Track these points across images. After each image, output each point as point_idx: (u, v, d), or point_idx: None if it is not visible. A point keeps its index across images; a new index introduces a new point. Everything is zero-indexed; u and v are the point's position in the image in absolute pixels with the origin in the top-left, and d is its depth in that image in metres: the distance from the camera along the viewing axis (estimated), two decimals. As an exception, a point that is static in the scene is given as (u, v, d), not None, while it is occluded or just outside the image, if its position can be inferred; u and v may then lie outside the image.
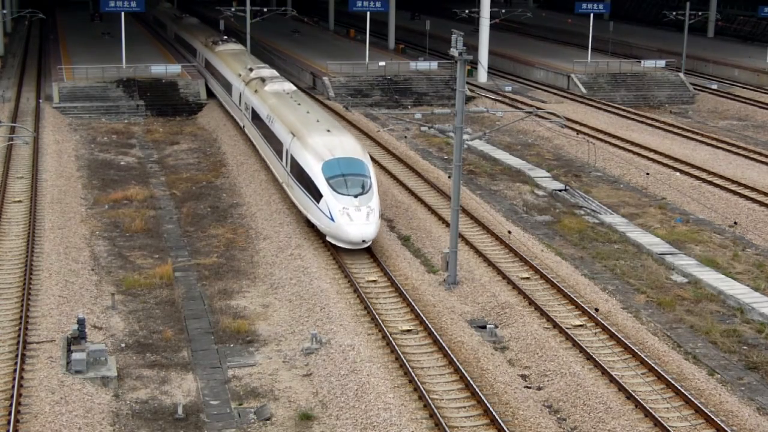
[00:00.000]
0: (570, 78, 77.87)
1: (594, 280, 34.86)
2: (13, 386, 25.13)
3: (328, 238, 36.41)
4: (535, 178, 48.96)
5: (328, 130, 40.51)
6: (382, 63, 74.67)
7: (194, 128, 61.70)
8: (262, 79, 52.20)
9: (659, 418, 24.56)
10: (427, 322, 30.07)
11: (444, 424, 23.98)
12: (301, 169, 38.28)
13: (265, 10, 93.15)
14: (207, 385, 26.68)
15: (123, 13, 71.24)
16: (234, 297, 32.98)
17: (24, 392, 25.15)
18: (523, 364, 28.39)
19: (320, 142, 38.83)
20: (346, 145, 38.81)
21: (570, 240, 39.61)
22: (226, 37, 74.70)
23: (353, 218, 35.22)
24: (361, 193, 36.11)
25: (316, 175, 36.85)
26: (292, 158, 39.85)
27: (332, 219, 35.52)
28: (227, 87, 60.62)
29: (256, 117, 49.72)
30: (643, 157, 53.44)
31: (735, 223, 42.25)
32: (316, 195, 36.57)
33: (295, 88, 50.93)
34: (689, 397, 25.66)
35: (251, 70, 55.80)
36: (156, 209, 43.14)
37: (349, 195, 35.91)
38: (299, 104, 46.10)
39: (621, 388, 26.18)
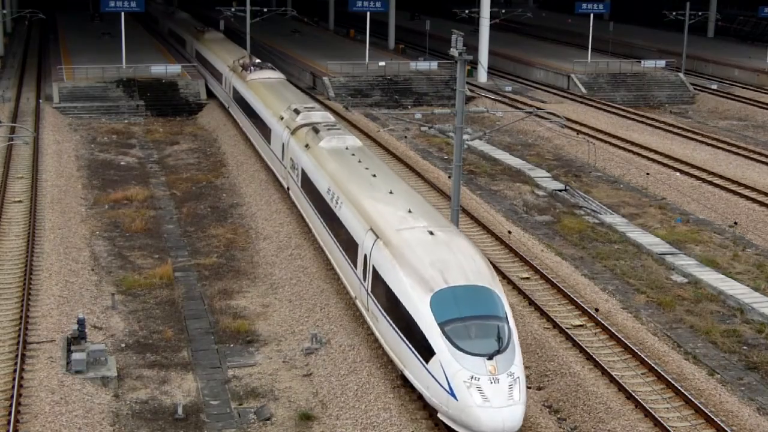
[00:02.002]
0: (570, 78, 77.87)
1: (594, 280, 34.86)
2: (13, 386, 25.12)
3: (440, 416, 23.06)
4: (535, 178, 48.96)
5: (431, 232, 26.26)
6: (382, 63, 74.68)
7: (194, 128, 61.70)
8: (315, 130, 38.84)
9: (659, 418, 24.55)
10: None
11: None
12: (392, 296, 24.99)
13: (265, 10, 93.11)
14: (207, 385, 26.68)
15: (123, 13, 71.21)
16: (234, 297, 32.98)
17: (24, 392, 25.15)
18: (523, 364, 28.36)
19: (423, 254, 25.09)
20: (465, 260, 24.98)
21: (570, 240, 39.61)
22: (259, 61, 60.86)
23: (488, 396, 21.96)
24: (498, 351, 22.71)
25: (421, 316, 23.53)
26: (375, 271, 26.53)
27: (452, 394, 22.24)
28: (263, 130, 47.89)
29: (308, 184, 36.78)
30: (643, 157, 53.45)
31: (735, 223, 42.25)
32: (423, 349, 23.33)
33: (360, 143, 37.71)
34: (689, 397, 25.66)
35: (297, 112, 42.64)
36: (156, 209, 43.14)
37: (479, 355, 22.55)
38: (374, 175, 32.35)
39: (621, 388, 26.18)
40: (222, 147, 55.53)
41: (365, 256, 27.49)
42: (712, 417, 24.63)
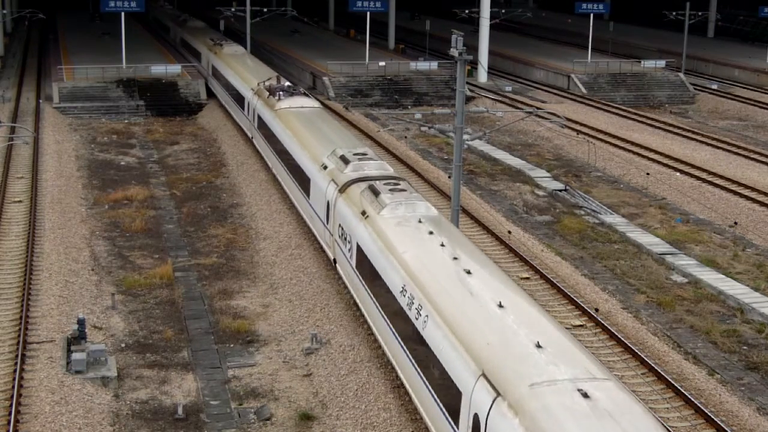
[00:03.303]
0: (570, 78, 77.87)
1: (594, 280, 34.87)
2: (13, 386, 25.12)
3: None
4: (535, 178, 48.96)
5: (585, 393, 16.89)
6: (382, 63, 74.69)
7: (194, 128, 61.71)
8: (374, 190, 29.55)
9: (659, 418, 24.55)
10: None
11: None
12: None
13: (265, 10, 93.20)
14: (207, 386, 26.68)
15: (123, 13, 71.23)
16: (234, 297, 32.98)
17: (24, 392, 25.14)
18: (523, 364, 28.36)
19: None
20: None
21: (570, 240, 39.61)
22: (289, 84, 50.41)
23: None
24: None
25: None
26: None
27: None
28: (299, 177, 38.41)
29: (368, 269, 27.48)
30: (643, 157, 53.45)
31: (735, 223, 42.26)
32: None
33: (435, 210, 28.53)
34: (689, 397, 25.66)
35: (345, 161, 33.54)
36: (156, 209, 43.15)
37: None
38: (469, 271, 23.17)
39: (621, 388, 26.18)
40: (222, 147, 55.53)
41: (476, 419, 18.18)
42: (712, 417, 24.63)
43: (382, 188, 29.39)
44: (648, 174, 49.60)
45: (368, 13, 77.64)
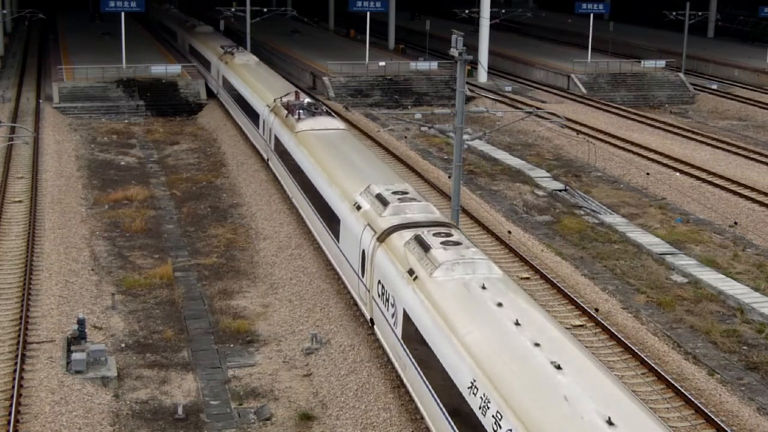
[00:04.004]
0: (570, 78, 77.88)
1: (594, 280, 34.86)
2: (13, 386, 25.12)
3: None
4: (535, 178, 48.96)
5: None
6: (382, 63, 74.70)
7: (194, 128, 61.70)
8: (422, 244, 24.57)
9: (659, 418, 24.54)
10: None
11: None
12: None
13: (265, 10, 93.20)
14: (207, 385, 26.69)
15: (123, 13, 71.24)
16: (234, 297, 32.98)
17: (24, 392, 25.15)
18: (523, 364, 28.36)
19: None
20: None
21: (570, 240, 39.61)
22: (309, 100, 44.08)
23: None
24: None
25: None
26: None
27: None
28: (326, 215, 33.25)
29: (421, 345, 22.39)
30: (643, 157, 53.45)
31: (735, 223, 42.26)
32: None
33: (499, 270, 23.48)
34: (689, 397, 25.66)
35: (383, 202, 28.31)
36: (156, 209, 43.15)
37: None
38: (558, 366, 18.17)
39: (621, 388, 26.17)
40: (222, 147, 55.53)
41: None
42: (712, 417, 24.63)
43: (432, 241, 24.32)
44: (648, 174, 49.60)
45: (368, 13, 77.65)
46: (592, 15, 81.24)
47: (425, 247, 24.07)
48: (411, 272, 23.80)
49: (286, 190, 40.93)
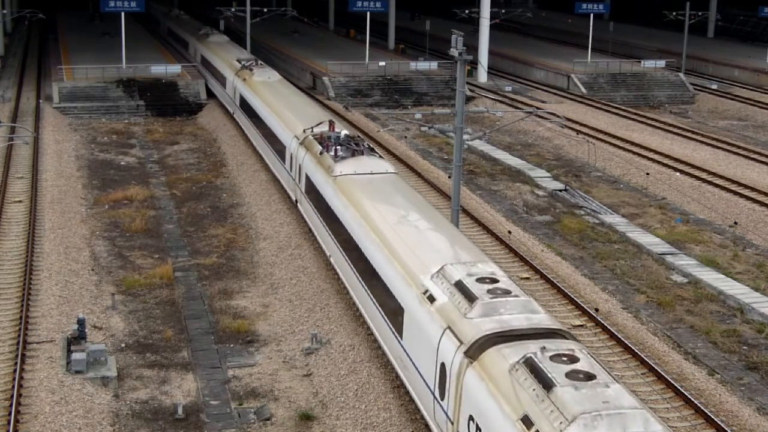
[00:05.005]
0: (570, 78, 77.88)
1: (594, 280, 34.86)
2: (13, 386, 25.12)
3: None
4: (535, 178, 48.96)
5: None
6: (382, 63, 74.70)
7: (194, 128, 61.70)
8: (541, 379, 17.41)
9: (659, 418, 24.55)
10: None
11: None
12: None
13: (265, 10, 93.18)
14: (207, 385, 26.69)
15: (123, 13, 71.23)
16: (234, 297, 32.98)
17: (24, 392, 25.15)
18: (523, 364, 28.34)
19: None
20: None
21: (570, 240, 39.61)
22: (347, 133, 37.33)
23: None
24: None
25: None
26: None
27: None
28: (380, 294, 25.86)
29: None
30: (643, 157, 53.45)
31: (735, 223, 42.25)
32: None
33: (660, 428, 16.65)
34: (689, 397, 25.66)
35: (467, 296, 21.26)
36: (156, 209, 43.15)
37: None
38: None
39: (621, 388, 26.16)
40: (222, 147, 55.53)
41: None
42: (712, 417, 24.63)
43: (554, 370, 17.52)
44: (648, 174, 49.60)
45: (368, 13, 77.64)
46: (592, 15, 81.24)
47: (545, 383, 17.13)
48: (527, 422, 16.88)
49: (321, 246, 34.34)
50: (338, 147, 34.69)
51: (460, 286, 21.75)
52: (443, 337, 20.72)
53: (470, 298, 21.05)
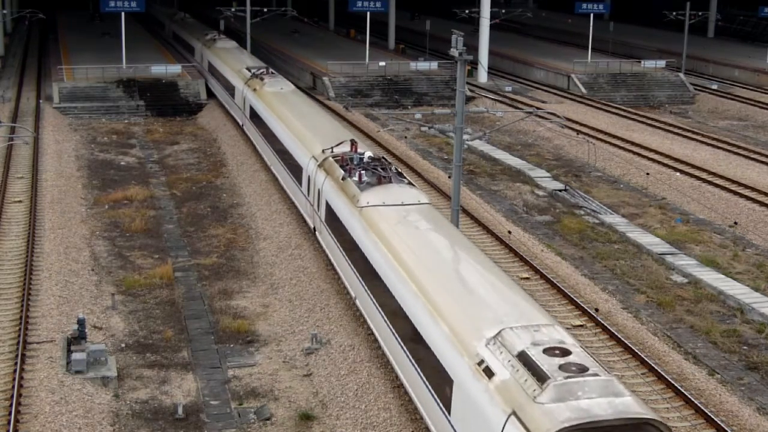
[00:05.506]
0: (570, 78, 77.87)
1: (594, 280, 34.86)
2: (13, 386, 25.13)
3: None
4: (535, 178, 48.96)
5: None
6: (382, 63, 74.69)
7: (194, 128, 61.70)
8: None
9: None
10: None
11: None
12: None
13: (265, 10, 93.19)
14: (207, 385, 26.69)
15: (123, 13, 71.23)
16: (234, 297, 32.98)
17: (24, 392, 25.15)
18: (523, 364, 28.33)
19: None
20: None
21: (570, 240, 39.61)
22: (371, 155, 33.72)
23: None
24: None
25: None
26: None
27: None
28: (421, 358, 22.19)
29: None
30: (643, 157, 53.45)
31: (735, 223, 42.25)
32: None
33: None
34: (689, 397, 25.66)
35: (536, 373, 17.41)
36: (156, 209, 43.14)
37: None
38: None
39: (621, 388, 26.15)
40: (222, 147, 55.52)
41: None
42: (712, 417, 24.63)
43: None
44: (648, 174, 49.60)
45: (368, 13, 77.63)
46: (592, 15, 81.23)
47: None
48: None
49: (345, 283, 30.73)
50: (362, 171, 31.09)
51: (524, 358, 17.91)
52: (508, 425, 17.03)
53: (540, 377, 17.27)
